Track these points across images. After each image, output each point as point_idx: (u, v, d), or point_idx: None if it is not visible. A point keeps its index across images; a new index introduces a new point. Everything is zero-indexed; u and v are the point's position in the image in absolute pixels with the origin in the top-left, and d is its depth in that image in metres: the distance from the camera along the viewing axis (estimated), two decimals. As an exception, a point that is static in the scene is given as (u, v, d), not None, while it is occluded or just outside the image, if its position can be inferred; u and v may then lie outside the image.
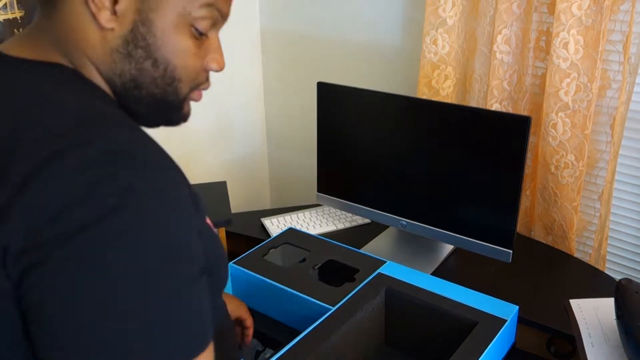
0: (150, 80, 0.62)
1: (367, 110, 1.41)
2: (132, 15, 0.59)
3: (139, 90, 0.62)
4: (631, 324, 0.88)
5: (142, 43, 0.60)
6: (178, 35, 0.61)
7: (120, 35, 0.59)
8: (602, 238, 1.45)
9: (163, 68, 0.62)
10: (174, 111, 0.66)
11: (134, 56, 0.60)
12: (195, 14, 0.61)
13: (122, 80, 0.61)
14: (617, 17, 1.30)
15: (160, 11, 0.59)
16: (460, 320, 1.02)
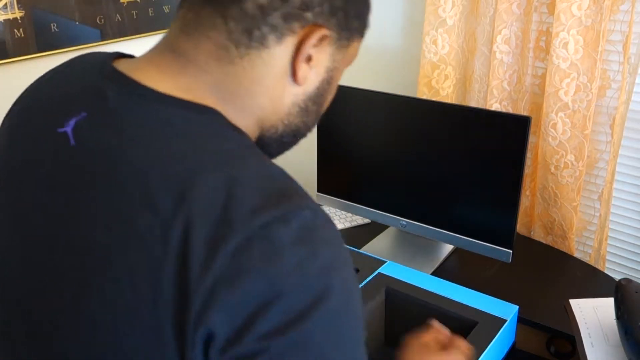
0: (305, 130, 0.63)
1: (367, 110, 1.41)
2: (323, 74, 0.58)
3: (295, 138, 0.63)
4: (631, 324, 0.88)
5: (320, 99, 0.60)
6: (336, 87, 0.62)
7: (307, 91, 0.58)
8: (602, 238, 1.45)
9: (317, 117, 0.63)
10: (297, 142, 0.66)
11: (309, 110, 0.60)
12: (349, 64, 0.63)
13: (286, 130, 0.60)
14: (617, 17, 1.30)
15: (340, 67, 0.60)
16: (460, 320, 1.02)
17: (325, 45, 0.57)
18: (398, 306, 1.09)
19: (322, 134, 1.51)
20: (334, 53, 0.58)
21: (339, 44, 0.58)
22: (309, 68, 0.56)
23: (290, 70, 0.56)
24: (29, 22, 1.37)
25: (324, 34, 0.55)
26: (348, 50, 0.60)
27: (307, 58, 0.56)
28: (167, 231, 0.46)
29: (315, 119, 0.62)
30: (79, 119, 0.53)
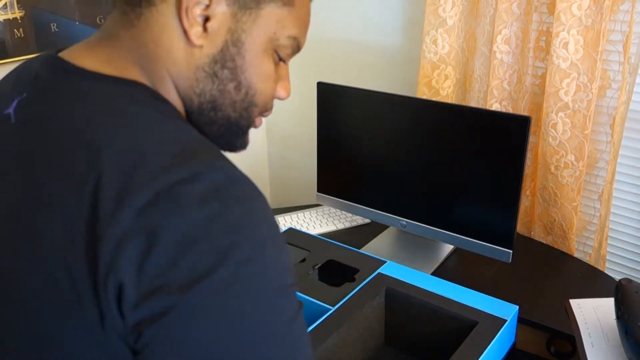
0: (229, 102, 0.60)
1: (367, 110, 1.41)
2: (224, 35, 0.57)
3: (215, 112, 0.60)
4: (631, 324, 0.88)
5: (230, 64, 0.58)
6: (264, 59, 0.60)
7: (209, 53, 0.57)
8: (602, 238, 1.45)
9: (245, 92, 0.60)
10: (240, 137, 0.65)
11: (219, 76, 0.58)
12: (282, 41, 0.61)
13: (201, 100, 0.59)
14: (617, 17, 1.30)
15: (252, 33, 0.58)
16: (460, 320, 1.02)
17: (221, 4, 0.56)
18: (398, 306, 1.09)
19: (322, 134, 1.51)
20: (238, 14, 0.57)
21: (240, 4, 0.57)
22: (203, 28, 0.56)
23: (181, 29, 0.56)
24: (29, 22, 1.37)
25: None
26: (260, 14, 0.58)
27: (205, 19, 0.56)
28: (80, 191, 0.48)
29: (236, 90, 0.60)
30: (20, 99, 0.57)
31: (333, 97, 1.46)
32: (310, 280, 1.13)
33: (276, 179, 2.34)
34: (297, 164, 2.22)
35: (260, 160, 2.31)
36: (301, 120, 2.13)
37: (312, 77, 2.02)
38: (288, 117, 2.18)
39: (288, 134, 2.21)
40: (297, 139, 2.18)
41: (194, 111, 0.60)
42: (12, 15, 1.36)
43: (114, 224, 0.47)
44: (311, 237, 1.30)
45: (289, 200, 2.30)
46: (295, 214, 1.65)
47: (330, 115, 1.48)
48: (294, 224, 1.60)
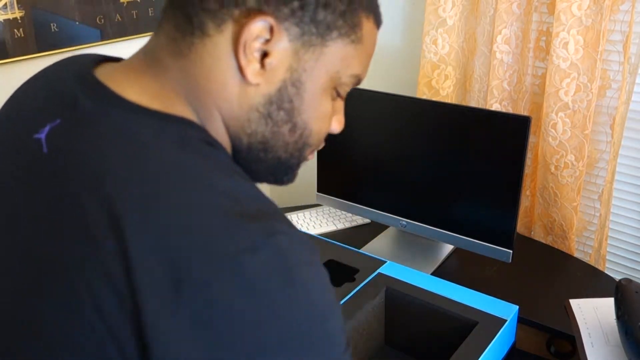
0: (282, 144, 0.56)
1: (367, 110, 1.41)
2: (283, 73, 0.52)
3: (265, 153, 0.56)
4: (631, 324, 0.88)
5: (287, 105, 0.53)
6: (323, 99, 0.56)
7: (265, 93, 0.52)
8: (602, 238, 1.45)
9: (299, 134, 0.56)
10: (289, 173, 0.60)
11: (274, 118, 0.54)
12: (344, 79, 0.56)
13: (251, 140, 0.54)
14: (617, 17, 1.30)
15: (314, 72, 0.53)
16: (460, 320, 1.02)
17: (284, 41, 0.51)
18: (398, 306, 1.09)
19: (322, 134, 1.51)
20: (300, 51, 0.52)
21: (304, 41, 0.52)
22: (260, 66, 0.51)
23: (236, 65, 0.51)
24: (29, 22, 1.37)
25: (269, 23, 0.50)
26: (325, 52, 0.53)
27: (263, 54, 0.51)
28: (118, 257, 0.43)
29: (291, 132, 0.55)
30: (53, 125, 0.51)
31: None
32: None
33: (276, 179, 2.33)
34: (297, 164, 2.22)
35: (260, 160, 2.31)
36: (301, 120, 2.13)
37: (312, 77, 2.02)
38: (288, 117, 2.18)
39: (288, 134, 2.21)
40: (297, 139, 2.18)
41: (242, 150, 0.55)
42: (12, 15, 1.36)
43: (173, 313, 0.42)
44: (311, 237, 1.30)
45: (289, 200, 2.30)
46: (295, 214, 1.65)
47: (330, 115, 1.48)
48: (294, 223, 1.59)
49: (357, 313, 1.02)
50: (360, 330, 1.04)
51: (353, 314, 1.01)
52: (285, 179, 0.61)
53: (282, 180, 0.61)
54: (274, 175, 0.60)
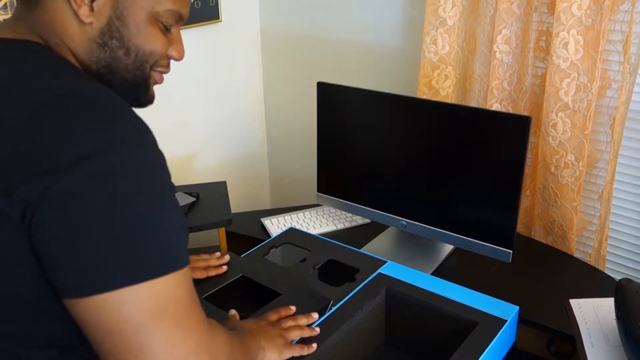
0: (122, 66, 0.72)
1: (367, 110, 1.41)
2: (108, 11, 0.69)
3: (112, 75, 0.72)
4: (631, 324, 0.88)
5: (117, 34, 0.70)
6: (149, 27, 0.72)
7: (97, 27, 0.70)
8: (602, 238, 1.45)
9: (134, 54, 0.72)
10: (142, 92, 0.76)
11: (109, 45, 0.71)
12: (162, 14, 0.72)
13: (97, 66, 0.71)
14: (617, 17, 1.30)
15: (132, 8, 0.70)
16: (460, 320, 1.02)
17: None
18: (398, 306, 1.09)
19: (322, 134, 1.51)
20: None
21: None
22: (89, 8, 0.68)
23: (72, 11, 0.68)
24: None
25: None
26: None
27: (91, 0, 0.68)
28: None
29: (126, 54, 0.72)
30: None
31: (333, 97, 1.46)
32: (310, 280, 1.13)
33: (276, 179, 2.34)
34: (297, 164, 2.22)
35: (260, 160, 2.31)
36: (301, 120, 2.13)
37: (312, 77, 2.02)
38: (288, 117, 2.18)
39: (288, 134, 2.21)
40: (297, 139, 2.18)
41: (94, 76, 0.71)
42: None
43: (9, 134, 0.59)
44: (311, 237, 1.30)
45: (289, 200, 2.30)
46: (295, 214, 1.65)
47: (330, 115, 1.48)
48: (294, 224, 1.60)
49: (358, 313, 1.02)
50: (361, 330, 1.04)
51: (353, 313, 1.01)
52: (142, 100, 0.77)
53: (140, 100, 0.77)
54: (129, 96, 0.74)
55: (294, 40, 2.04)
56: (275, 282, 1.10)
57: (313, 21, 1.96)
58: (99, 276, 0.58)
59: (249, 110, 2.20)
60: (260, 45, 2.15)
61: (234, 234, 1.59)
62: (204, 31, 1.91)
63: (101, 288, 0.58)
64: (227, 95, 2.10)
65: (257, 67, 2.17)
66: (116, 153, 0.59)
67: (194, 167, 2.04)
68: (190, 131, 1.99)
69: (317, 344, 0.93)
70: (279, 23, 2.06)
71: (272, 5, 2.06)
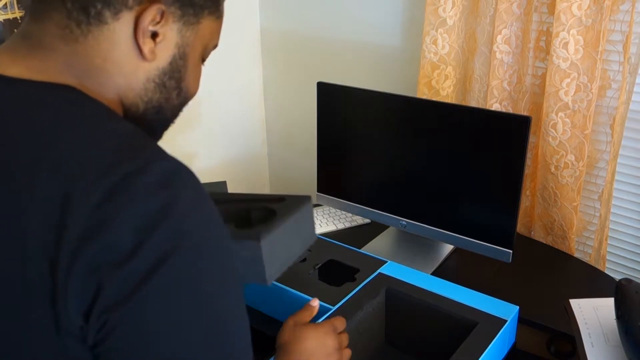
0: (170, 107, 0.66)
1: (367, 110, 1.41)
2: (172, 49, 0.62)
3: (157, 115, 0.65)
4: (631, 324, 0.88)
5: (177, 75, 0.64)
6: (198, 66, 0.67)
7: (158, 67, 0.62)
8: (602, 238, 1.45)
9: (183, 96, 0.66)
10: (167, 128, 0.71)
11: (167, 86, 0.64)
12: (210, 49, 0.68)
13: (147, 106, 0.64)
14: (617, 17, 1.30)
15: (194, 45, 0.64)
16: (460, 320, 1.02)
17: (170, 22, 0.60)
18: (399, 306, 1.09)
19: (322, 134, 1.51)
20: (182, 30, 0.62)
21: (185, 21, 0.62)
22: (154, 44, 0.60)
23: (136, 47, 0.59)
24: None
25: (161, 9, 0.58)
26: (199, 28, 0.64)
27: (153, 34, 0.59)
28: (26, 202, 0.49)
29: (178, 95, 0.66)
30: None
31: (333, 97, 1.46)
32: (310, 280, 1.13)
33: (276, 179, 2.34)
34: (297, 164, 2.22)
35: (260, 160, 2.31)
36: (301, 120, 2.13)
37: (312, 77, 2.02)
38: (288, 117, 2.19)
39: (288, 134, 2.21)
40: (297, 139, 2.18)
41: (138, 116, 0.64)
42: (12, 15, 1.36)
43: (69, 228, 0.48)
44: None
45: (289, 200, 2.30)
46: (295, 214, 1.65)
47: (330, 115, 1.48)
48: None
49: (358, 313, 1.02)
50: (361, 330, 1.04)
51: (353, 313, 1.01)
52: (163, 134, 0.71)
53: (161, 135, 0.71)
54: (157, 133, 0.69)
55: (294, 40, 2.04)
56: None
57: (313, 21, 1.96)
58: None
59: (249, 110, 2.21)
60: (260, 45, 2.15)
61: (234, 234, 1.58)
62: (204, 31, 1.91)
63: None
64: (227, 95, 2.10)
65: (257, 67, 2.17)
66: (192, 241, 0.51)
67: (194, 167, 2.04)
68: (191, 131, 2.00)
69: None
70: (279, 23, 2.06)
71: (272, 5, 2.06)
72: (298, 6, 1.98)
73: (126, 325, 0.49)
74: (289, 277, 1.14)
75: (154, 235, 0.48)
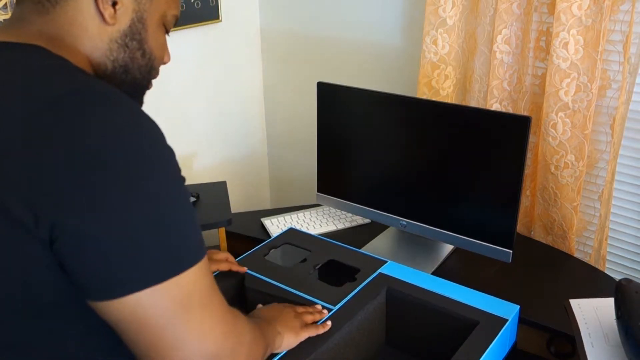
0: (137, 67, 0.76)
1: (367, 110, 1.41)
2: (130, 14, 0.73)
3: (126, 74, 0.75)
4: (631, 324, 0.88)
5: (137, 36, 0.74)
6: (159, 32, 0.77)
7: (120, 29, 0.73)
8: (602, 238, 1.45)
9: (148, 57, 0.76)
10: (141, 95, 0.80)
11: (130, 46, 0.74)
12: (168, 18, 0.77)
13: (114, 65, 0.74)
14: (617, 17, 1.30)
15: (151, 12, 0.75)
16: (461, 320, 1.02)
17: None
18: (399, 306, 1.09)
19: (322, 134, 1.51)
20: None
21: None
22: (114, 11, 0.71)
23: (98, 13, 0.70)
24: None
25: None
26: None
27: (114, 3, 0.71)
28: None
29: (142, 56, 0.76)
30: None
31: (333, 97, 1.46)
32: (311, 280, 1.13)
33: (276, 179, 2.34)
34: (297, 164, 2.22)
35: (260, 160, 2.31)
36: (301, 120, 2.13)
37: (312, 77, 2.02)
38: (288, 117, 2.19)
39: (288, 134, 2.21)
40: (297, 139, 2.18)
41: (108, 74, 0.74)
42: (12, 15, 1.36)
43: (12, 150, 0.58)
44: (311, 237, 1.30)
45: (289, 200, 2.30)
46: (295, 214, 1.65)
47: (330, 115, 1.48)
48: (294, 224, 1.60)
49: (359, 313, 1.02)
50: (362, 329, 1.04)
51: (354, 313, 1.01)
52: (141, 101, 0.81)
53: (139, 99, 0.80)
54: (132, 96, 0.74)
55: (294, 40, 2.04)
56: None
57: (313, 21, 1.96)
58: (133, 276, 0.59)
59: (249, 110, 2.20)
60: (260, 45, 2.15)
61: (234, 234, 1.59)
62: (204, 31, 1.91)
63: (137, 287, 0.59)
64: (227, 95, 2.10)
65: (257, 67, 2.17)
66: (134, 151, 0.60)
67: (194, 167, 2.04)
68: (191, 131, 1.99)
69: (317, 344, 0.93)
70: (279, 23, 2.06)
71: (272, 5, 2.06)
72: (298, 6, 1.98)
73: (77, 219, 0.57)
74: (289, 277, 1.14)
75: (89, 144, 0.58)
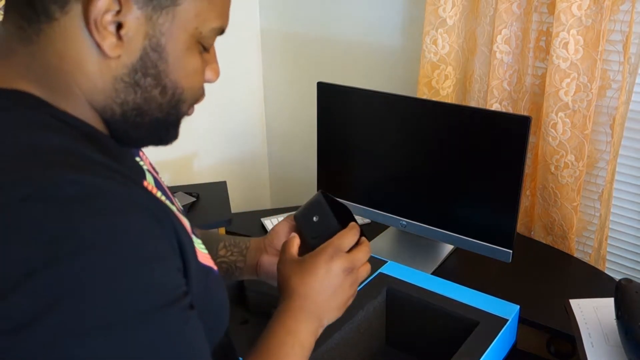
0: (155, 106, 0.56)
1: (367, 110, 1.41)
2: (141, 41, 0.52)
3: (141, 117, 0.56)
4: (631, 324, 0.88)
5: (153, 71, 0.54)
6: (189, 57, 0.56)
7: (127, 63, 0.53)
8: (602, 238, 1.45)
9: (171, 93, 0.56)
10: (171, 131, 0.60)
11: (142, 85, 0.54)
12: (205, 34, 0.56)
13: (124, 109, 0.55)
14: (617, 17, 1.30)
15: (172, 34, 0.53)
16: (461, 320, 1.02)
17: (134, 9, 0.51)
18: (399, 306, 1.09)
19: (322, 134, 1.51)
20: (152, 16, 0.52)
21: (154, 5, 0.51)
22: (118, 38, 0.51)
23: (94, 43, 0.51)
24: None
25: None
26: (178, 11, 0.53)
27: (118, 26, 0.51)
28: None
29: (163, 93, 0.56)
30: None
31: (333, 97, 1.46)
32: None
33: (276, 179, 2.34)
34: (297, 164, 2.22)
35: (260, 160, 2.31)
36: (301, 120, 2.13)
37: (312, 77, 2.02)
38: (288, 117, 2.19)
39: (288, 134, 2.21)
40: (297, 139, 2.19)
41: (118, 120, 0.55)
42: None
43: None
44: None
45: (289, 200, 2.31)
46: (295, 214, 1.65)
47: (330, 115, 1.48)
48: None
49: (359, 313, 1.02)
50: (362, 330, 1.04)
51: (354, 313, 1.01)
52: (170, 138, 0.61)
53: (167, 139, 0.61)
54: (157, 136, 0.59)
55: (294, 40, 2.04)
56: None
57: (313, 21, 1.96)
58: None
59: (249, 110, 2.21)
60: (260, 45, 2.15)
61: (234, 234, 1.59)
62: (204, 31, 1.91)
63: None
64: (227, 95, 2.10)
65: (257, 67, 2.17)
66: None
67: (194, 167, 2.05)
68: (191, 131, 2.00)
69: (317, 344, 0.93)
70: (279, 23, 2.06)
71: (272, 5, 2.06)
72: (298, 6, 1.98)
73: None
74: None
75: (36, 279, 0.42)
